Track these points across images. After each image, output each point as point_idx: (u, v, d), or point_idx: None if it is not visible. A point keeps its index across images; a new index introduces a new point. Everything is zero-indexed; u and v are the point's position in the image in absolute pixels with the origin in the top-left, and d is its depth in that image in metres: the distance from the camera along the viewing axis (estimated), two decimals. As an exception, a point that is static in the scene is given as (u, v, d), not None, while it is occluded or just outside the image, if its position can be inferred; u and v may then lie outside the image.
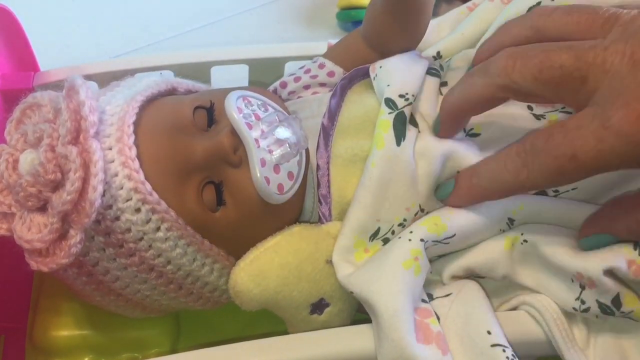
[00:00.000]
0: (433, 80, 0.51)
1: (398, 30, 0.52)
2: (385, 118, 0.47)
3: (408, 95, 0.48)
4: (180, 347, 0.59)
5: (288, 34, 0.87)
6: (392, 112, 0.47)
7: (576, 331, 0.46)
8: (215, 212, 0.47)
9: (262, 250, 0.47)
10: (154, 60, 0.61)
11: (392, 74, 0.50)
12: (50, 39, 0.82)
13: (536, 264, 0.46)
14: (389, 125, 0.47)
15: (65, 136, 0.42)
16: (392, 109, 0.47)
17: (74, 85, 0.44)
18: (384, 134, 0.46)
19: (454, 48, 0.58)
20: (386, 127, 0.47)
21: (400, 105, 0.47)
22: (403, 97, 0.48)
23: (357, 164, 0.48)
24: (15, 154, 0.44)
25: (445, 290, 0.48)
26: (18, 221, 0.43)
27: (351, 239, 0.47)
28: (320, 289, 0.47)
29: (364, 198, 0.46)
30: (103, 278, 0.47)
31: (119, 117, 0.46)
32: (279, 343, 0.46)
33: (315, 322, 0.48)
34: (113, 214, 0.44)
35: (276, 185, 0.46)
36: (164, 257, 0.46)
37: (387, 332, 0.43)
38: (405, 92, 0.48)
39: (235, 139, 0.46)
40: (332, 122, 0.50)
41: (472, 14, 0.59)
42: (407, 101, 0.47)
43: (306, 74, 0.57)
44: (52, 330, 0.56)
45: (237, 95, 0.47)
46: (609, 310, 0.43)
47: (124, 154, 0.44)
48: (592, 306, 0.44)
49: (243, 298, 0.46)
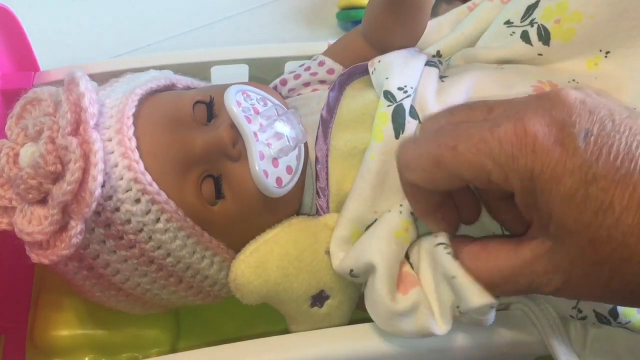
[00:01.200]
0: (433, 70, 0.51)
1: (397, 28, 0.53)
2: (384, 110, 0.47)
3: (407, 87, 0.48)
4: (180, 346, 0.59)
5: (288, 34, 0.87)
6: (390, 105, 0.47)
7: (572, 333, 0.46)
8: (214, 206, 0.47)
9: (261, 242, 0.47)
10: (154, 60, 0.61)
11: (391, 67, 0.50)
12: (50, 39, 0.83)
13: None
14: (387, 118, 0.47)
15: (66, 127, 0.42)
16: (391, 101, 0.47)
17: (74, 78, 0.44)
18: (382, 127, 0.46)
19: (453, 47, 0.58)
20: (385, 119, 0.47)
21: (399, 98, 0.47)
22: (402, 90, 0.48)
23: (356, 157, 0.48)
24: (16, 148, 0.44)
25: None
26: (19, 214, 0.43)
27: (348, 229, 0.47)
28: (320, 279, 0.48)
29: (362, 190, 0.46)
30: (103, 271, 0.47)
31: (119, 110, 0.46)
32: (279, 343, 0.46)
33: (316, 315, 0.48)
34: (113, 205, 0.44)
35: (275, 179, 0.46)
36: (163, 249, 0.46)
37: (378, 287, 0.43)
38: (404, 85, 0.48)
39: (234, 132, 0.46)
40: (331, 115, 0.51)
41: (472, 14, 0.59)
42: (406, 94, 0.47)
43: (306, 71, 0.57)
44: (53, 330, 0.56)
45: (236, 90, 0.47)
46: (605, 320, 0.43)
47: (123, 144, 0.44)
48: (589, 315, 0.44)
49: (243, 291, 0.46)
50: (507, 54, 0.53)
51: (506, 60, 0.54)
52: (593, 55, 0.50)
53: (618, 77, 0.49)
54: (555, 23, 0.50)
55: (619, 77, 0.49)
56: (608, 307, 0.43)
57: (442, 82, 0.51)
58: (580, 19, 0.49)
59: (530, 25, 0.51)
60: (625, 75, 0.49)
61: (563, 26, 0.50)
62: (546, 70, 0.51)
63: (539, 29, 0.51)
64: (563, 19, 0.49)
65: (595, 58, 0.50)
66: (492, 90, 0.49)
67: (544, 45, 0.51)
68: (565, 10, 0.49)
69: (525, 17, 0.52)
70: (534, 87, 0.49)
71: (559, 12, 0.49)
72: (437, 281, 0.43)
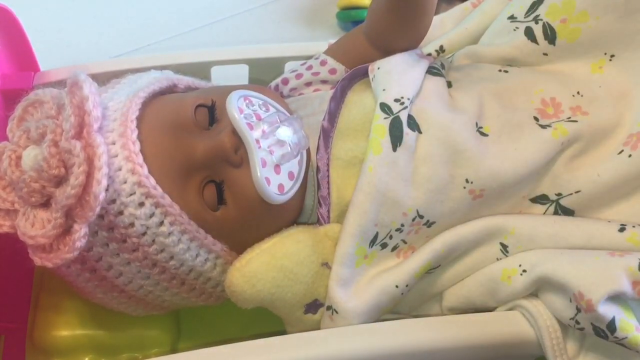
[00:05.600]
0: (434, 80, 0.51)
1: (400, 29, 0.52)
2: (380, 123, 0.47)
3: (404, 99, 0.48)
4: (181, 347, 0.59)
5: (288, 34, 0.87)
6: (387, 117, 0.47)
7: (569, 340, 0.46)
8: (216, 211, 0.47)
9: (258, 252, 0.47)
10: (154, 60, 0.61)
11: (389, 76, 0.49)
12: (50, 39, 0.82)
13: (535, 284, 0.47)
14: (384, 131, 0.47)
15: (69, 131, 0.42)
16: (388, 113, 0.47)
17: (77, 81, 0.44)
18: (380, 139, 0.46)
19: (457, 43, 0.58)
20: (382, 132, 0.47)
21: (396, 110, 0.47)
22: (398, 102, 0.48)
23: (357, 166, 0.48)
24: (18, 151, 0.44)
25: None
26: (21, 217, 0.43)
27: (352, 246, 0.47)
28: (315, 290, 0.48)
29: (362, 203, 0.46)
30: (106, 274, 0.47)
31: (122, 113, 0.46)
32: (279, 343, 0.46)
33: (310, 321, 0.49)
34: (117, 208, 0.44)
35: (277, 186, 0.46)
36: (167, 252, 0.46)
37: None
38: (401, 96, 0.48)
39: (236, 138, 0.46)
40: (332, 124, 0.50)
41: (477, 9, 0.60)
42: (403, 105, 0.47)
43: (308, 70, 0.57)
44: (53, 330, 0.56)
45: (238, 95, 0.47)
46: (603, 334, 0.43)
47: (127, 148, 0.44)
48: (586, 327, 0.44)
49: (238, 298, 0.47)
50: (512, 53, 0.53)
51: (510, 60, 0.54)
52: (597, 59, 0.50)
53: (622, 82, 0.49)
54: (562, 22, 0.50)
55: (623, 83, 0.49)
56: (606, 321, 0.43)
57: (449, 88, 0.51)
58: (587, 20, 0.49)
59: (534, 22, 0.51)
60: (630, 80, 0.49)
61: (569, 26, 0.50)
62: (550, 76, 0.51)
63: (545, 27, 0.51)
64: (570, 19, 0.49)
65: (599, 61, 0.50)
66: (497, 110, 0.49)
67: (549, 45, 0.51)
68: (572, 9, 0.49)
69: (529, 12, 0.52)
70: (538, 110, 0.49)
71: (566, 11, 0.49)
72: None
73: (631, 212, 0.48)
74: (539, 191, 0.49)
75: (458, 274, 0.50)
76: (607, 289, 0.42)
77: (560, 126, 0.48)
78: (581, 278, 0.43)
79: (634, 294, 0.43)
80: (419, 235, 0.49)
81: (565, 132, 0.48)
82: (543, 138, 0.47)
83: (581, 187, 0.48)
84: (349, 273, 0.47)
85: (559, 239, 0.47)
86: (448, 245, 0.48)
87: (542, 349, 0.46)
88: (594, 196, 0.48)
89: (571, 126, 0.48)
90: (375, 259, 0.49)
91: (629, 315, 0.43)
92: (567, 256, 0.45)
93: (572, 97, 0.50)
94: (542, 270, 0.45)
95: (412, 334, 0.46)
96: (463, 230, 0.48)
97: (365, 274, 0.48)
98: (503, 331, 0.47)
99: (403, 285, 0.48)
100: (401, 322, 0.47)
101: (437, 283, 0.51)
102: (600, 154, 0.48)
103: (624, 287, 0.42)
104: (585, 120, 0.48)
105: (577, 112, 0.49)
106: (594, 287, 0.42)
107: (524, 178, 0.48)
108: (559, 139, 0.47)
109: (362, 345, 0.45)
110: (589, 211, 0.49)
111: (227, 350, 0.45)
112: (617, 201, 0.48)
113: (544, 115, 0.49)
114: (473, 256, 0.49)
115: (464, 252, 0.49)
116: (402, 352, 0.46)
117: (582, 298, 0.43)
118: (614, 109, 0.49)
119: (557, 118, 0.49)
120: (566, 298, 0.45)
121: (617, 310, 0.43)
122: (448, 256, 0.49)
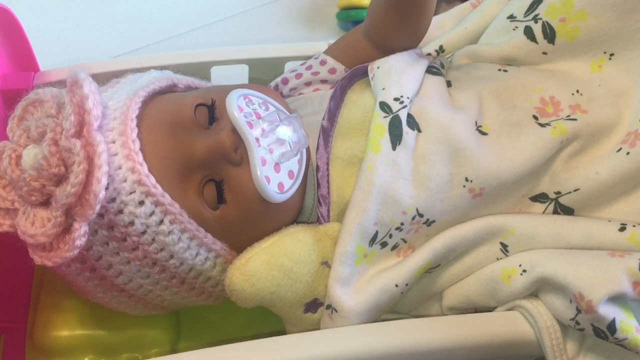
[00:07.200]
0: (434, 79, 0.51)
1: (400, 28, 0.53)
2: (380, 122, 0.47)
3: (403, 98, 0.48)
4: (181, 347, 0.59)
5: (288, 34, 0.87)
6: (387, 116, 0.47)
7: (569, 341, 0.46)
8: (215, 210, 0.47)
9: (257, 251, 0.47)
10: (154, 60, 0.61)
11: (389, 75, 0.50)
12: (50, 39, 0.82)
13: (535, 285, 0.47)
14: (384, 129, 0.47)
15: (69, 129, 0.42)
16: (387, 112, 0.47)
17: (77, 80, 0.44)
18: (380, 138, 0.46)
19: (456, 42, 0.58)
20: (382, 131, 0.47)
21: (395, 109, 0.47)
22: (398, 101, 0.48)
23: (356, 165, 0.48)
24: (18, 150, 0.44)
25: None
26: (21, 216, 0.43)
27: (352, 245, 0.47)
28: (314, 289, 0.48)
29: (362, 202, 0.46)
30: (106, 273, 0.47)
31: (122, 112, 0.46)
32: (279, 343, 0.46)
33: (310, 320, 0.49)
34: (116, 207, 0.44)
35: (276, 184, 0.46)
36: (166, 251, 0.46)
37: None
38: (400, 95, 0.48)
39: (236, 137, 0.46)
40: (332, 123, 0.51)
41: (476, 9, 0.60)
42: (402, 104, 0.47)
43: (307, 70, 0.57)
44: (52, 330, 0.56)
45: (238, 94, 0.47)
46: (603, 335, 0.43)
47: (127, 147, 0.44)
48: (586, 328, 0.44)
49: (237, 297, 0.47)
50: (511, 52, 0.53)
51: (510, 59, 0.54)
52: (597, 57, 0.50)
53: (622, 81, 0.49)
54: (561, 21, 0.50)
55: (623, 81, 0.49)
56: (606, 322, 0.43)
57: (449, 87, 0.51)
58: (585, 19, 0.49)
59: (534, 21, 0.51)
60: (630, 78, 0.49)
61: (568, 25, 0.50)
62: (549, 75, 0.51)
63: (544, 26, 0.51)
64: (569, 18, 0.49)
65: (599, 60, 0.50)
66: (496, 109, 0.49)
67: (549, 44, 0.51)
68: (571, 8, 0.49)
69: (529, 12, 0.52)
70: (537, 108, 0.49)
71: (565, 10, 0.49)
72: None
73: (631, 211, 0.48)
74: (539, 190, 0.49)
75: (458, 273, 0.50)
76: (607, 290, 0.42)
77: (559, 124, 0.48)
78: (582, 279, 0.43)
79: (635, 294, 0.43)
80: (418, 234, 0.49)
81: (564, 131, 0.48)
82: (542, 136, 0.48)
83: (580, 185, 0.48)
84: (349, 272, 0.47)
85: (559, 238, 0.47)
86: (448, 245, 0.48)
87: (542, 349, 0.46)
88: (592, 194, 0.48)
89: (570, 124, 0.48)
90: (375, 257, 0.49)
91: (629, 316, 0.43)
92: (568, 257, 0.45)
93: (571, 95, 0.50)
94: (542, 271, 0.45)
95: (412, 333, 0.46)
96: (463, 230, 0.48)
97: (365, 272, 0.48)
98: (503, 331, 0.47)
99: (403, 284, 0.48)
100: (401, 322, 0.47)
101: (437, 282, 0.51)
102: (599, 152, 0.48)
103: (624, 287, 0.42)
104: (585, 119, 0.48)
105: (577, 110, 0.49)
106: (594, 288, 0.42)
107: (523, 176, 0.48)
108: (558, 137, 0.47)
109: (362, 345, 0.45)
110: (589, 209, 0.49)
111: (227, 350, 0.45)
112: (616, 199, 0.48)
113: (543, 113, 0.49)
114: (473, 256, 0.49)
115: (464, 251, 0.49)
116: (402, 352, 0.46)
117: (582, 299, 0.43)
118: (613, 107, 0.49)
119: (557, 116, 0.49)
120: (566, 299, 0.45)
121: (618, 312, 0.43)
122: (448, 255, 0.49)
